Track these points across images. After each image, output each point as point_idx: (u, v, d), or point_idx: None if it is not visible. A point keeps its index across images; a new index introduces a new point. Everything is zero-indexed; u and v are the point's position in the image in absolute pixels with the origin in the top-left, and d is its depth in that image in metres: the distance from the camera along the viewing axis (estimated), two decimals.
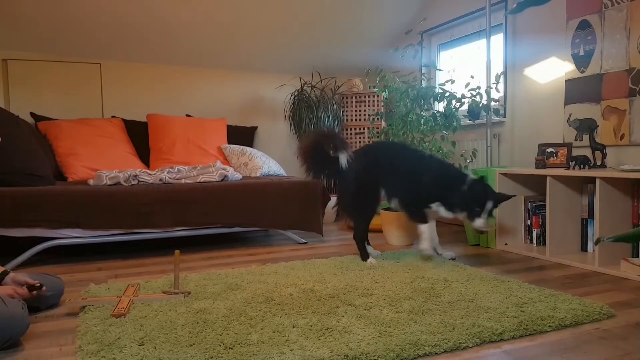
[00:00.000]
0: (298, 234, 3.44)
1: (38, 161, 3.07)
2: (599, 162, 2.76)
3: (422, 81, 3.90)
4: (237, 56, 4.59)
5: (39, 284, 1.83)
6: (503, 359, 1.45)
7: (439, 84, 3.27)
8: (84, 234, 2.80)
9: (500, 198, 2.57)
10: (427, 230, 2.67)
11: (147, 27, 4.00)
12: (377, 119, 4.18)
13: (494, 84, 3.34)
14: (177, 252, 2.08)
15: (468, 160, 3.51)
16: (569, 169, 2.76)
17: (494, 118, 3.60)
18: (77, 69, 4.12)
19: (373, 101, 4.50)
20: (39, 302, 1.92)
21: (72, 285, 2.31)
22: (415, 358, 1.46)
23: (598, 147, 2.71)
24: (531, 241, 3.10)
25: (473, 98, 3.20)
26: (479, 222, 2.51)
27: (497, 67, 3.72)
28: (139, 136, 4.10)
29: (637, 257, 2.54)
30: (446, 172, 2.66)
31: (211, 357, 1.45)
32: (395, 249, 3.09)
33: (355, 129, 4.55)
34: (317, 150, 2.72)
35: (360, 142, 4.55)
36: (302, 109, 4.51)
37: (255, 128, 4.72)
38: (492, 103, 3.45)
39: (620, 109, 2.85)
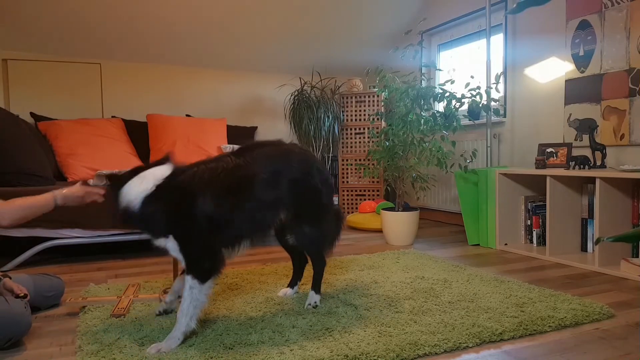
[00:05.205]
0: None
1: (38, 161, 3.07)
2: (599, 162, 2.76)
3: (422, 81, 3.90)
4: (237, 56, 4.58)
5: (23, 294, 1.74)
6: (503, 359, 1.45)
7: (439, 84, 3.27)
8: (84, 234, 2.81)
9: None
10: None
11: (147, 27, 4.00)
12: (377, 119, 4.18)
13: (494, 84, 3.34)
14: None
15: (468, 160, 3.51)
16: (569, 169, 2.76)
17: (494, 118, 3.60)
18: (77, 69, 4.12)
19: (373, 101, 4.50)
20: (39, 303, 1.92)
21: (72, 285, 2.31)
22: (415, 358, 1.46)
23: (598, 147, 2.71)
24: (531, 241, 3.09)
25: (473, 98, 3.20)
26: None
27: (497, 67, 3.72)
28: (139, 136, 4.09)
29: (637, 257, 2.54)
30: None
31: (211, 357, 1.45)
32: (395, 249, 3.09)
33: (355, 129, 4.55)
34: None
35: (360, 141, 4.54)
36: (302, 109, 4.50)
37: (255, 128, 4.72)
38: (492, 103, 3.44)
39: (620, 109, 2.85)
